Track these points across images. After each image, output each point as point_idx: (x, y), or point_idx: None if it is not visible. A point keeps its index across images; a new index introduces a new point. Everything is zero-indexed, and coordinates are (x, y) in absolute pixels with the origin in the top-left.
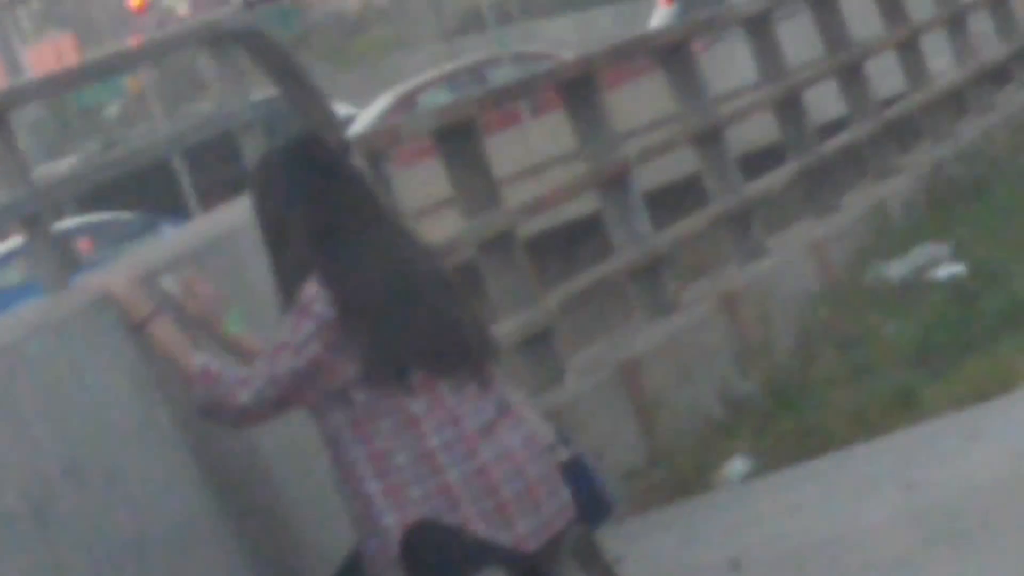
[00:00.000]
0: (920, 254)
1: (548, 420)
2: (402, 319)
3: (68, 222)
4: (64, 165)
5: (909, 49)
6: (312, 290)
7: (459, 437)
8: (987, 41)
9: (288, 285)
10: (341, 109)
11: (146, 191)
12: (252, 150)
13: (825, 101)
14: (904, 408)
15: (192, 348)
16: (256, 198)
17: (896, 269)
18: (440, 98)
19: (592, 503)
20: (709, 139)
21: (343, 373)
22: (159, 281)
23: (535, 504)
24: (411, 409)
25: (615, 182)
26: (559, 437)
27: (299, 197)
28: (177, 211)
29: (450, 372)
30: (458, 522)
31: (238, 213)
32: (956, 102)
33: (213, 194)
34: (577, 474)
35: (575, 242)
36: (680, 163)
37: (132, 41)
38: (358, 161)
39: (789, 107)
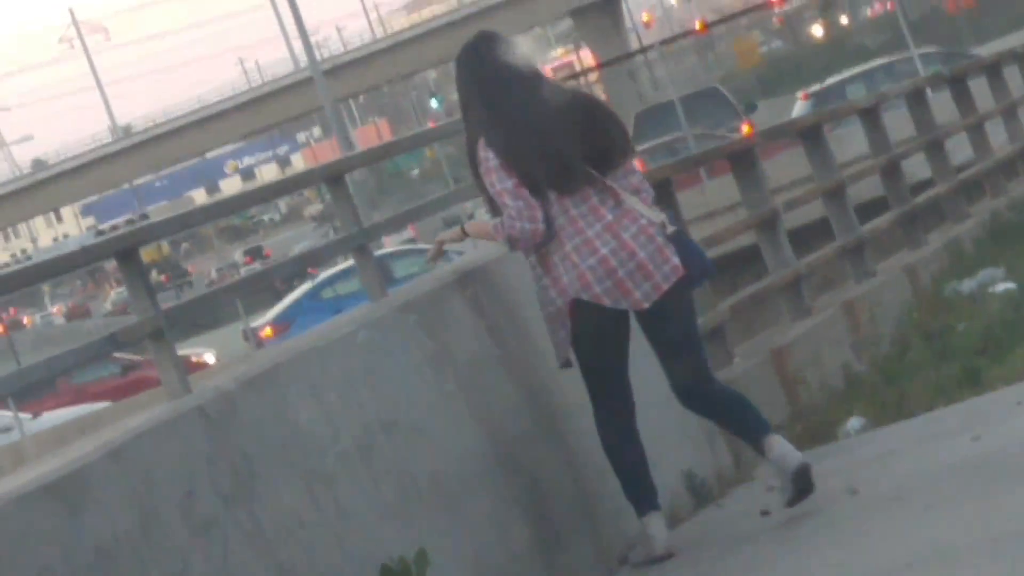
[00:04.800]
0: (983, 275)
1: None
2: (535, 161)
3: (384, 250)
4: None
5: (976, 130)
6: (483, 152)
7: (584, 240)
8: None
9: (472, 140)
10: None
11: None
12: None
13: (917, 167)
14: (972, 384)
15: (488, 223)
16: (456, 77)
17: (966, 286)
18: (648, 165)
19: (693, 265)
20: (834, 194)
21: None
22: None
23: (646, 276)
24: (556, 224)
25: (768, 224)
26: (669, 218)
27: (472, 78)
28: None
29: (576, 194)
30: (591, 298)
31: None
32: (1009, 168)
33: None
34: (680, 243)
35: (740, 267)
36: (814, 210)
37: (430, 124)
38: None
39: (891, 171)
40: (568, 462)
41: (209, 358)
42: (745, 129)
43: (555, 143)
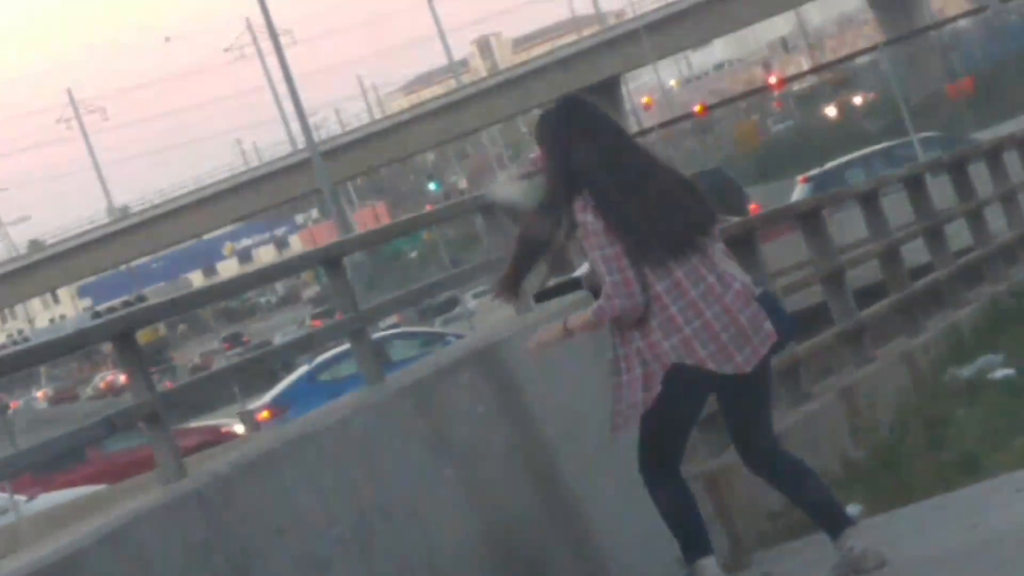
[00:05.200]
0: (983, 361)
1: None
2: (652, 223)
3: (381, 332)
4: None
5: (975, 216)
6: (582, 218)
7: (689, 303)
8: None
9: (567, 215)
10: None
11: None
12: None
13: (916, 252)
14: (971, 471)
15: (583, 313)
16: (546, 136)
17: (966, 371)
18: None
19: (781, 324)
20: (833, 278)
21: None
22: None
23: (747, 340)
24: (656, 288)
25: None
26: (756, 280)
27: (575, 133)
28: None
29: (682, 256)
30: (695, 362)
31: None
32: (1008, 253)
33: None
34: (768, 303)
35: None
36: (813, 295)
37: (427, 207)
38: None
39: (890, 256)
40: (567, 548)
41: (239, 428)
42: (752, 209)
43: (669, 211)
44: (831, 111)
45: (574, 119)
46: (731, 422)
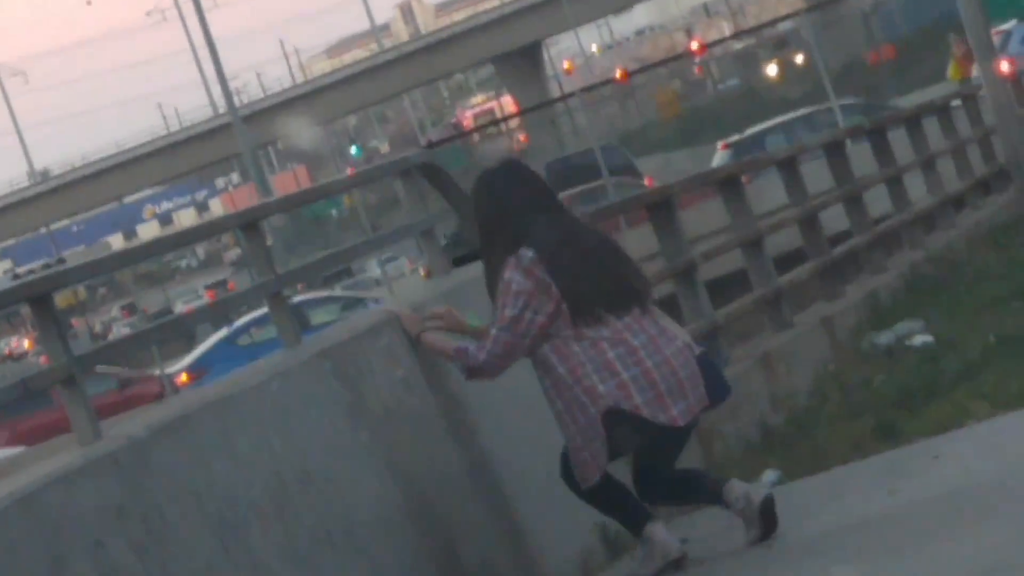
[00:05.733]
0: (901, 328)
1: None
2: (594, 277)
3: (299, 296)
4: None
5: (895, 183)
6: (509, 275)
7: (627, 350)
8: (950, 177)
9: (493, 270)
10: None
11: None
12: (429, 249)
13: (835, 219)
14: (889, 437)
15: (450, 341)
16: (478, 199)
17: (884, 338)
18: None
19: (716, 385)
20: (752, 244)
21: (544, 325)
22: (425, 310)
23: (683, 394)
24: (591, 333)
25: (686, 274)
26: (695, 341)
27: (507, 196)
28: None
29: (621, 309)
30: (631, 408)
31: (454, 279)
32: (927, 221)
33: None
34: (705, 364)
35: None
36: (732, 261)
37: (349, 171)
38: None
39: (809, 223)
40: (483, 512)
41: None
42: (647, 182)
43: (608, 268)
44: (772, 70)
45: (515, 180)
46: (642, 461)
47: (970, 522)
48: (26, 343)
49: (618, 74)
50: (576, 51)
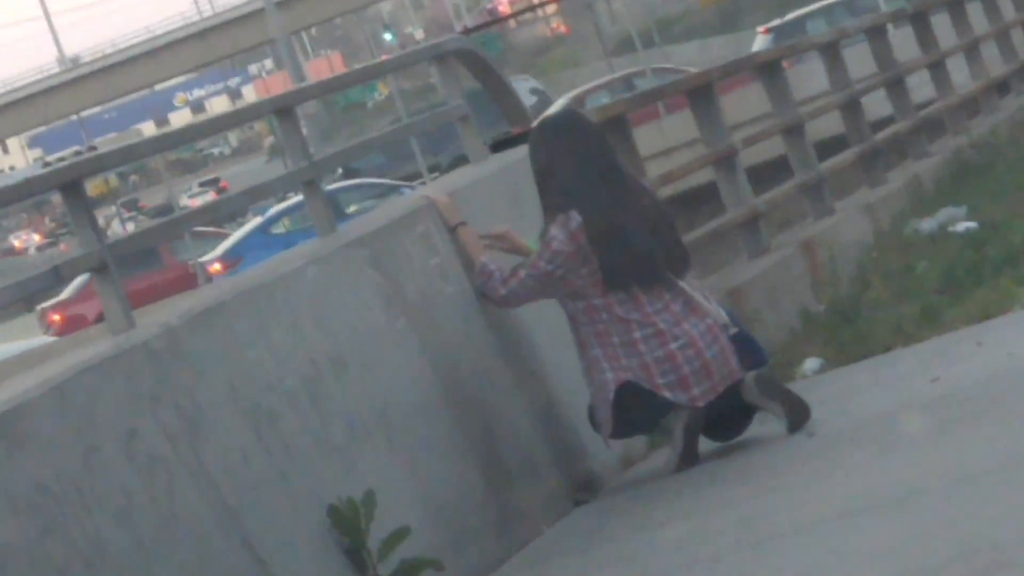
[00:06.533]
0: (944, 214)
1: (723, 307)
2: (633, 252)
3: (335, 184)
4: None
5: (937, 67)
6: (554, 231)
7: (654, 332)
8: (994, 62)
9: (547, 215)
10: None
11: (391, 165)
12: (467, 134)
13: (877, 104)
14: (931, 323)
15: (481, 250)
16: (532, 149)
17: (927, 224)
18: (602, 100)
19: (754, 359)
20: (794, 131)
21: (574, 285)
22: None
23: (708, 375)
24: (620, 311)
25: (726, 161)
26: (731, 319)
27: (561, 152)
28: (412, 179)
29: (654, 286)
30: (651, 387)
31: (503, 160)
32: (971, 106)
33: (438, 168)
34: (742, 343)
35: (697, 204)
36: (773, 147)
37: (383, 57)
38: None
39: (851, 109)
40: (520, 402)
41: None
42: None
43: (647, 238)
44: None
45: (563, 135)
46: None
47: (1014, 407)
48: (36, 237)
49: None
50: None
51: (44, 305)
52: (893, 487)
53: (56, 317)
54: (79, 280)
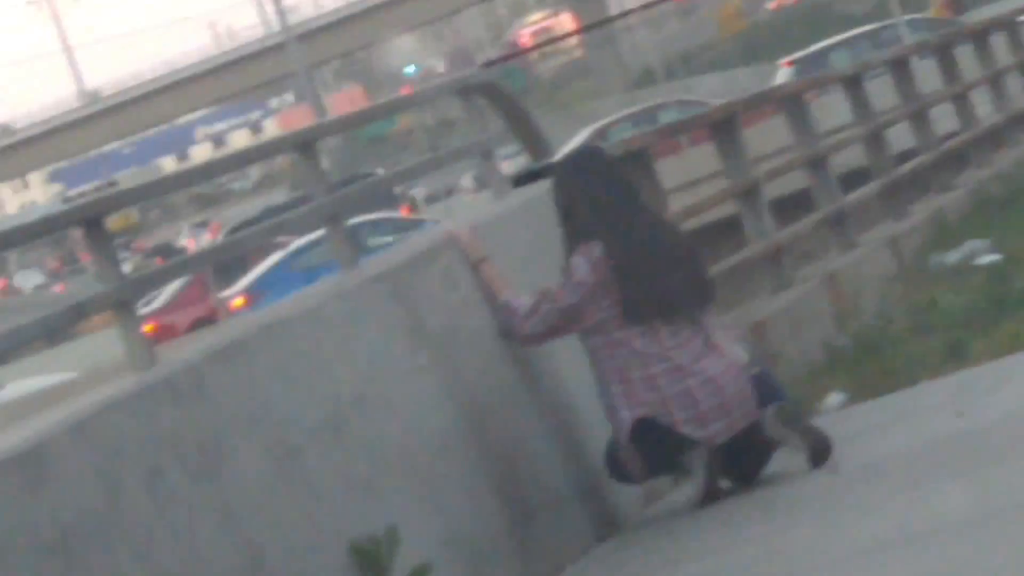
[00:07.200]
0: (968, 247)
1: (745, 346)
2: (657, 287)
3: (356, 219)
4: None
5: (961, 100)
6: (576, 261)
7: (673, 367)
8: (1017, 94)
9: (569, 248)
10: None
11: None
12: (488, 169)
13: (900, 137)
14: (956, 357)
15: (504, 287)
16: (555, 185)
17: (951, 257)
18: (625, 132)
19: (772, 395)
20: (817, 163)
21: (596, 317)
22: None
23: (726, 413)
24: (640, 345)
25: (749, 193)
26: (752, 358)
27: (584, 188)
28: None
29: (675, 322)
30: (669, 423)
31: (525, 195)
32: (995, 138)
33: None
34: (763, 382)
35: (720, 237)
36: (796, 180)
37: (404, 91)
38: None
39: (874, 141)
40: (542, 438)
41: None
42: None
43: (670, 274)
44: None
45: (587, 170)
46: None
47: None
48: (37, 275)
49: None
50: None
51: (141, 312)
52: (916, 524)
53: (148, 327)
54: (173, 287)
